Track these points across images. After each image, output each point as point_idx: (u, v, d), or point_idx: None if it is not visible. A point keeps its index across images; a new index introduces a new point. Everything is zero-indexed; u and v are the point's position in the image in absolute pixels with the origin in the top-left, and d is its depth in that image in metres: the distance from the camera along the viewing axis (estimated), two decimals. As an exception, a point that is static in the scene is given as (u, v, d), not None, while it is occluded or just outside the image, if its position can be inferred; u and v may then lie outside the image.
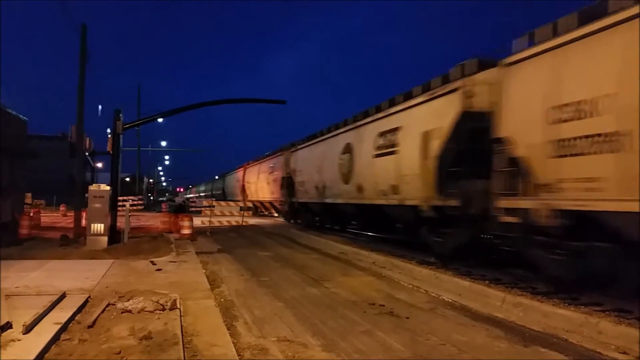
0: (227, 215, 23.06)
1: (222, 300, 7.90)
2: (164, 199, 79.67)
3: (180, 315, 6.29)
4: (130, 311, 6.37)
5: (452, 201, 10.31)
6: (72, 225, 17.63)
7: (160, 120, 31.17)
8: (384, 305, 7.72)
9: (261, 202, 33.92)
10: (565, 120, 7.41)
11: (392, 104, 14.22)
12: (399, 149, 12.80)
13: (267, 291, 8.77)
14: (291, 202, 25.00)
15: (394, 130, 13.24)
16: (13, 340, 4.81)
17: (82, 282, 8.16)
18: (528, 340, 5.95)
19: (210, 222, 20.92)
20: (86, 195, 14.97)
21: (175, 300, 6.82)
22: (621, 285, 7.31)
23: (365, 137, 15.41)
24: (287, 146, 27.17)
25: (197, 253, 13.14)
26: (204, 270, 10.28)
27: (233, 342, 5.45)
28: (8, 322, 5.20)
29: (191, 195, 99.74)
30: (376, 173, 14.20)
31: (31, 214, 18.54)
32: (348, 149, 16.88)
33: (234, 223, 22.61)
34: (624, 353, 5.31)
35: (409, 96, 13.19)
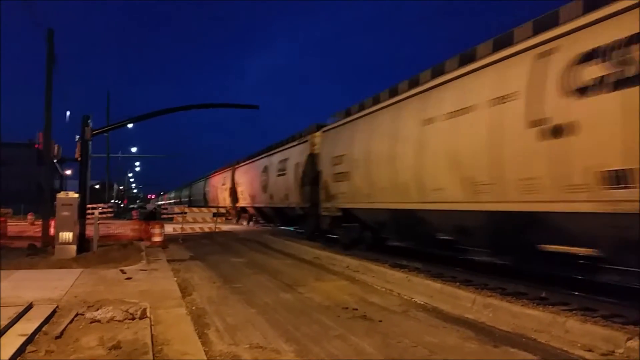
0: (200, 222, 22.83)
1: (193, 308, 7.81)
2: (135, 206, 78.52)
3: (151, 324, 6.20)
4: (99, 321, 6.25)
5: (307, 204, 18.35)
6: (40, 234, 17.24)
7: (130, 125, 30.83)
8: (357, 309, 7.75)
9: (258, 209, 30.28)
10: (336, 164, 15.50)
11: (284, 144, 23.11)
12: (286, 172, 21.46)
13: (240, 298, 8.72)
14: (235, 206, 32.95)
15: (284, 160, 21.99)
16: (-24, 354, 4.68)
17: (50, 292, 7.98)
18: (498, 341, 6.05)
19: (182, 229, 20.69)
20: (54, 203, 14.67)
21: (145, 309, 6.72)
22: (363, 243, 14.77)
23: (273, 162, 23.99)
24: (233, 163, 34.68)
25: (168, 261, 12.98)
26: (175, 278, 10.16)
27: (205, 351, 5.40)
28: (-29, 335, 5.06)
29: (162, 202, 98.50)
30: (278, 187, 22.69)
31: (-3, 224, 18.04)
32: (265, 169, 25.23)
33: (206, 229, 22.42)
34: (590, 350, 5.44)
35: (290, 140, 22.35)
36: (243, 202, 31.63)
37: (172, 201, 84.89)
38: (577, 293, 8.08)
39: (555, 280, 8.92)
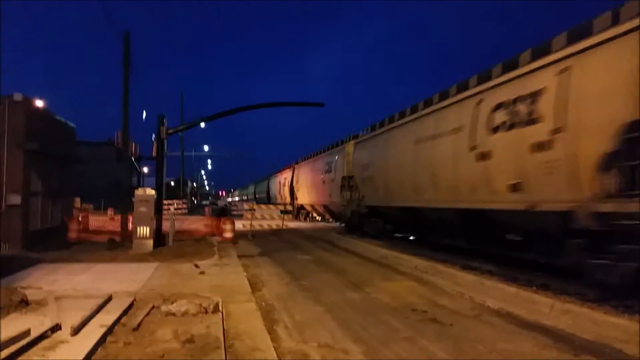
0: (267, 219, 23.21)
1: (263, 304, 7.93)
2: (207, 202, 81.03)
3: (223, 319, 6.34)
4: (174, 314, 6.46)
5: (344, 202, 21.74)
6: (119, 229, 18.11)
7: (202, 125, 31.77)
8: (426, 312, 7.58)
9: (312, 206, 31.78)
10: (364, 169, 18.60)
11: (329, 149, 27.10)
12: (330, 174, 25.23)
13: (307, 295, 8.76)
14: (294, 203, 34.08)
15: (329, 163, 25.54)
16: (62, 342, 4.94)
17: (128, 285, 8.35)
18: (578, 350, 5.71)
19: (251, 225, 21.11)
20: (132, 199, 15.35)
21: (217, 304, 6.88)
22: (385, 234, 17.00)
23: (321, 164, 27.44)
24: (293, 163, 36.09)
25: (238, 256, 13.27)
26: (245, 274, 10.35)
27: (274, 347, 5.44)
28: (57, 324, 5.36)
29: (235, 199, 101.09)
30: (325, 187, 26.30)
31: (80, 218, 19.14)
32: (316, 171, 28.60)
33: (274, 227, 22.75)
34: (684, 366, 5.03)
35: (335, 146, 26.01)
36: (301, 199, 33.79)
37: (241, 198, 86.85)
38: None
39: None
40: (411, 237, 18.24)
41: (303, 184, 32.24)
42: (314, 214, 32.41)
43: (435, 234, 14.99)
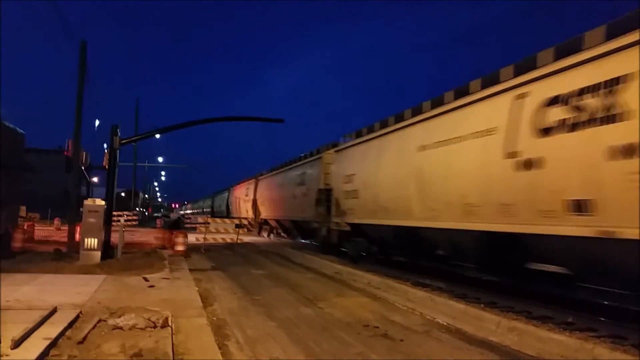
0: (222, 233, 22.93)
1: (214, 318, 7.82)
2: (159, 214, 79.40)
3: (172, 333, 6.22)
4: (121, 328, 6.29)
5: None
6: (65, 240, 17.52)
7: (157, 136, 31.26)
8: (378, 327, 7.66)
9: (278, 221, 30.20)
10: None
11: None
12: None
13: (260, 310, 8.70)
14: (257, 218, 33.00)
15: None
16: (1, 356, 4.73)
17: (74, 297, 8.07)
18: (523, 366, 5.90)
19: (204, 239, 20.81)
20: (81, 209, 14.90)
21: (167, 318, 6.74)
22: (369, 256, 15.69)
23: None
24: (256, 175, 34.66)
25: (190, 270, 13.04)
26: (196, 288, 10.18)
27: (225, 362, 5.38)
28: (-3, 337, 5.13)
29: (188, 212, 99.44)
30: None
31: (25, 227, 18.42)
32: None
33: (228, 240, 22.49)
34: (620, 380, 5.26)
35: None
36: (264, 214, 31.31)
37: (195, 211, 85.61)
38: (604, 319, 7.86)
39: (581, 306, 8.69)
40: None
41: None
42: (279, 230, 29.91)
43: (437, 258, 12.44)
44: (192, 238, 19.69)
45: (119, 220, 17.20)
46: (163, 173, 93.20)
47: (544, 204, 7.90)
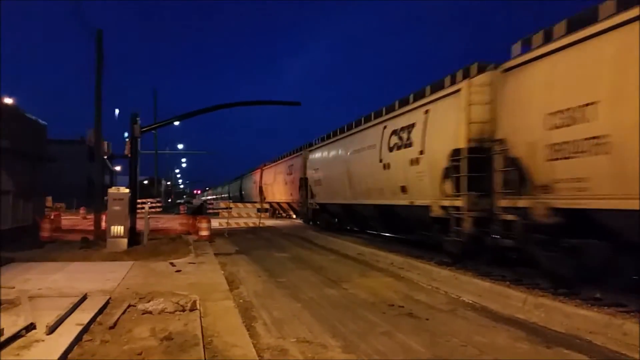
0: (244, 217, 23.13)
1: (240, 301, 7.93)
2: (182, 201, 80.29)
3: (200, 316, 6.32)
4: (150, 312, 6.42)
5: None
6: (92, 228, 17.87)
7: (176, 123, 31.48)
8: (403, 307, 7.67)
9: (278, 204, 33.91)
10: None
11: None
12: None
13: (285, 292, 8.78)
14: (263, 202, 31.90)
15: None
16: (37, 341, 4.88)
17: (103, 284, 8.25)
18: (550, 342, 5.87)
19: (227, 223, 21.02)
20: (105, 198, 15.14)
21: (195, 301, 6.85)
22: (332, 225, 17.42)
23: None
24: (261, 165, 37.51)
25: (215, 254, 13.21)
26: (222, 272, 10.32)
27: (253, 343, 5.46)
28: (32, 323, 5.28)
29: (209, 197, 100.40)
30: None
31: (52, 217, 18.81)
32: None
33: (251, 225, 22.69)
34: (651, 355, 5.21)
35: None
36: (269, 198, 35.59)
37: (220, 196, 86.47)
38: (633, 294, 7.74)
39: (608, 281, 8.56)
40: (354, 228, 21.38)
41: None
42: (279, 211, 35.47)
43: (365, 223, 19.00)
44: (215, 223, 19.91)
45: (143, 208, 17.44)
46: (184, 160, 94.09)
47: (393, 188, 13.80)
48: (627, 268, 7.51)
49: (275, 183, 33.73)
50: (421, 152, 12.27)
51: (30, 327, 5.22)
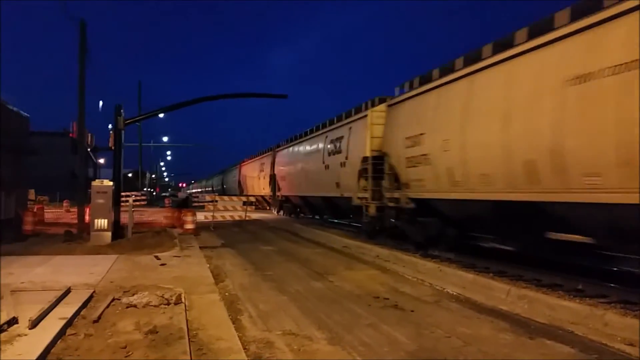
0: (230, 210, 23.06)
1: (226, 294, 7.91)
2: (167, 194, 79.81)
3: (185, 310, 6.30)
4: (135, 306, 6.38)
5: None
6: (75, 221, 17.67)
7: (161, 115, 31.23)
8: (388, 299, 7.72)
9: (255, 197, 33.08)
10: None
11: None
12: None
13: (271, 285, 8.78)
14: (277, 195, 30.21)
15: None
16: (19, 335, 4.82)
17: (87, 278, 8.18)
18: (533, 333, 5.95)
19: (213, 217, 20.94)
20: (89, 191, 14.98)
21: (180, 295, 6.82)
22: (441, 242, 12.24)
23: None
24: (273, 147, 32.28)
25: (200, 248, 13.15)
26: (208, 265, 10.29)
27: (238, 336, 5.45)
28: (14, 318, 5.22)
29: (194, 190, 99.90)
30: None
31: (35, 210, 18.57)
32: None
33: (237, 218, 22.63)
34: (631, 345, 5.30)
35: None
36: (286, 190, 27.36)
37: (203, 189, 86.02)
38: (614, 285, 7.88)
39: (591, 273, 8.71)
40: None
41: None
42: (257, 204, 30.87)
43: (316, 210, 23.82)
44: (200, 216, 19.83)
45: (127, 201, 17.29)
46: (169, 152, 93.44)
47: (331, 183, 18.43)
48: (451, 235, 11.97)
49: (252, 178, 36.45)
50: (346, 157, 16.87)
51: (13, 321, 5.15)
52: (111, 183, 14.00)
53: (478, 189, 9.78)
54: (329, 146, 19.05)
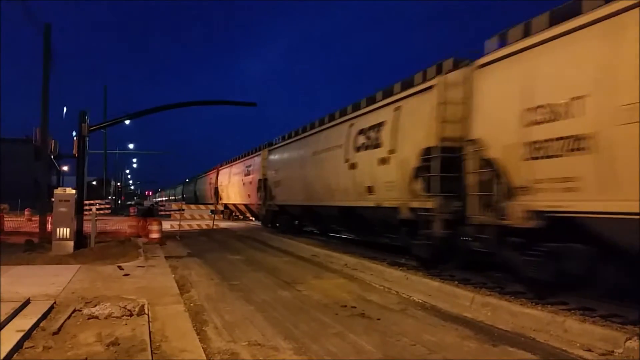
0: (197, 219, 22.80)
1: (191, 305, 7.80)
2: (132, 202, 78.40)
3: (149, 321, 6.18)
4: (97, 317, 6.23)
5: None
6: (37, 230, 17.18)
7: (127, 122, 30.74)
8: (355, 307, 7.74)
9: (235, 205, 33.32)
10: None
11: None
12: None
13: (238, 295, 8.70)
14: (219, 203, 32.39)
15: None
16: (-27, 350, 4.64)
17: (47, 288, 7.95)
18: (497, 340, 6.04)
19: (180, 226, 20.66)
20: (52, 199, 14.61)
21: (143, 306, 6.70)
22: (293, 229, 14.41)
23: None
24: (217, 165, 37.07)
25: (166, 257, 12.95)
26: (173, 275, 10.12)
27: (203, 347, 5.38)
28: (-32, 331, 5.03)
29: (161, 199, 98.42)
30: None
31: (-7, 219, 17.99)
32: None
33: (204, 227, 22.40)
34: (589, 350, 5.45)
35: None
36: (225, 199, 34.86)
37: (170, 198, 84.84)
38: (575, 293, 8.08)
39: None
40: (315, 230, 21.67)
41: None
42: (236, 213, 35.15)
43: (327, 225, 19.39)
44: (166, 225, 19.55)
45: (91, 209, 16.91)
46: (135, 160, 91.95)
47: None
48: (293, 224, 18.60)
49: (232, 184, 32.62)
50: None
51: (-34, 334, 4.97)
52: (74, 191, 13.69)
53: (295, 199, 12.21)
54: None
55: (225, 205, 34.80)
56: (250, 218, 32.39)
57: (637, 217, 5.83)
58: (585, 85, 6.70)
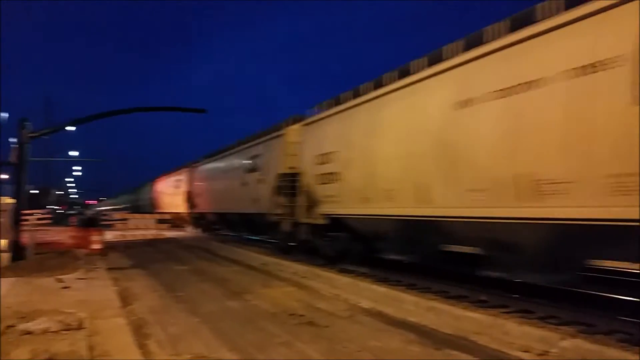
0: (142, 229, 22.24)
1: (134, 318, 7.56)
2: (74, 212, 75.63)
3: (88, 335, 5.96)
4: (32, 332, 5.95)
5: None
6: (-31, 242, 16.29)
7: (72, 129, 29.66)
8: (303, 315, 7.72)
9: (176, 214, 32.64)
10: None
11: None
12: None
13: (183, 307, 8.51)
14: (192, 212, 29.60)
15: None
16: None
17: (-22, 304, 7.54)
18: (439, 343, 6.17)
19: (123, 236, 20.08)
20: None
21: (82, 320, 6.46)
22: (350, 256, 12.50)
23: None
24: (189, 163, 32.28)
25: (108, 269, 12.54)
26: (115, 287, 9.81)
27: (145, 361, 5.23)
28: None
29: (104, 208, 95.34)
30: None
31: None
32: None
33: (149, 237, 21.86)
34: (526, 351, 5.65)
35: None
36: (202, 207, 27.02)
37: (114, 207, 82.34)
38: (515, 296, 8.37)
39: (495, 284, 9.19)
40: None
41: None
42: (222, 226, 26.64)
43: (235, 227, 23.40)
44: (109, 236, 18.94)
45: (29, 220, 16.21)
46: (79, 168, 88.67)
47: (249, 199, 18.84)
48: (357, 250, 12.63)
49: (168, 195, 35.73)
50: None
51: None
52: (12, 200, 13.11)
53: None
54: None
55: (202, 215, 28.34)
56: (183, 226, 31.97)
57: (361, 216, 11.32)
58: (335, 145, 12.27)
